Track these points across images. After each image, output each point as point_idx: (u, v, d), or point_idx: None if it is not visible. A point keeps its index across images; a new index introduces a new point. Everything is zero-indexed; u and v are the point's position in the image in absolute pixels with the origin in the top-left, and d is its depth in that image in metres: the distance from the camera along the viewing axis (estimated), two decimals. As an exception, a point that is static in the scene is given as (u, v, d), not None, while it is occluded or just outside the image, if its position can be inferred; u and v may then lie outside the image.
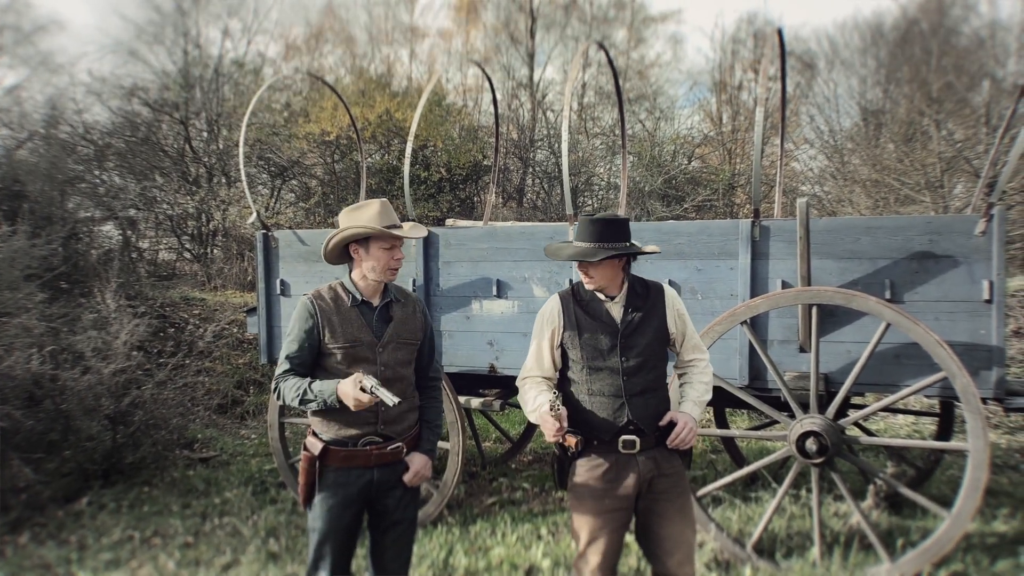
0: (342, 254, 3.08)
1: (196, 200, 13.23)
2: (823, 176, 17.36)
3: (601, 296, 2.95)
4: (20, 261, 7.70)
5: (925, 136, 13.46)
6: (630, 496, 2.87)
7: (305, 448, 3.00)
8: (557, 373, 3.01)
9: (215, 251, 14.26)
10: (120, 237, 12.41)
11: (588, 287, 2.94)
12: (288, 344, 2.98)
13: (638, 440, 2.84)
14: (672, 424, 2.89)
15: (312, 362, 2.99)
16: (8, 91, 12.94)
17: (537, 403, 2.86)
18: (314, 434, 2.99)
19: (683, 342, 3.05)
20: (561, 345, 2.96)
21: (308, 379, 2.92)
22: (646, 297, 2.98)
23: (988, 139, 11.96)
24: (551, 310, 2.99)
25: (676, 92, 23.61)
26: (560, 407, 2.70)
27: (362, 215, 2.98)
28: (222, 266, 13.45)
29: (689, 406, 2.95)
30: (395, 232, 2.95)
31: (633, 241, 2.96)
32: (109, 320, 6.82)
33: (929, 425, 7.32)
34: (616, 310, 2.94)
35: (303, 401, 2.86)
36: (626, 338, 2.90)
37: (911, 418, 7.45)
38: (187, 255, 14.45)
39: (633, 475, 2.85)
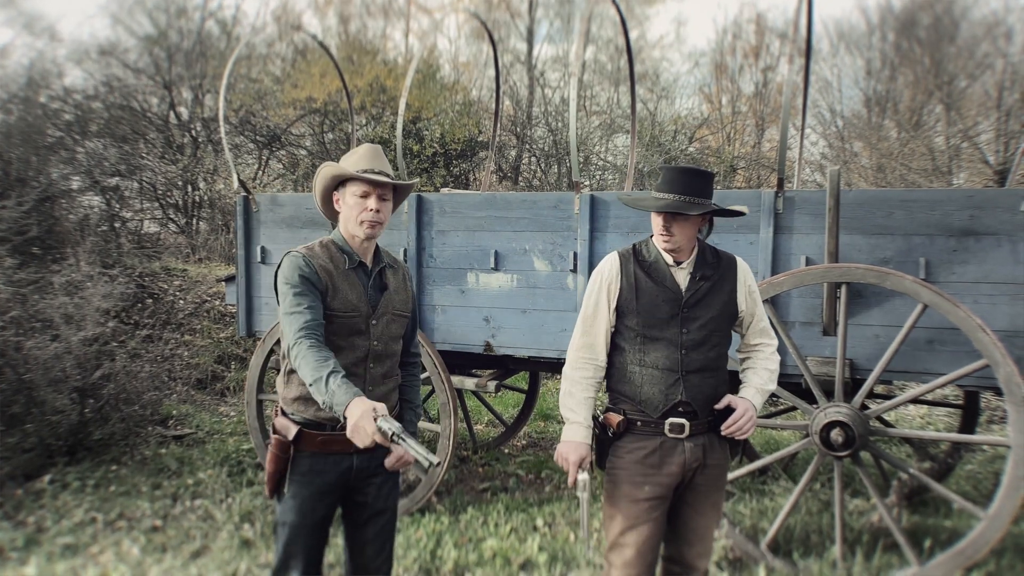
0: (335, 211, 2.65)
1: (179, 167, 12.73)
2: (823, 162, 17.01)
3: (668, 259, 2.61)
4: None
5: (933, 118, 13.11)
6: (672, 485, 2.58)
7: (275, 431, 2.57)
8: (607, 348, 2.66)
9: (200, 223, 13.78)
10: (101, 204, 11.92)
11: (664, 246, 2.59)
12: (292, 305, 2.36)
13: (688, 424, 2.54)
14: (728, 409, 2.58)
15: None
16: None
17: (573, 429, 2.60)
18: (284, 414, 2.57)
19: (751, 324, 2.72)
20: (617, 308, 2.62)
21: (332, 362, 2.26)
22: (717, 267, 2.64)
23: (1000, 123, 11.61)
24: (609, 267, 2.66)
25: (678, 70, 23.16)
26: (587, 486, 2.53)
27: (349, 158, 2.57)
28: (207, 237, 12.98)
29: (751, 392, 2.64)
30: (368, 176, 2.49)
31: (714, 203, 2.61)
32: (79, 285, 6.40)
33: (943, 416, 7.00)
34: (682, 276, 2.61)
35: (314, 387, 2.23)
36: (689, 308, 2.57)
37: (924, 409, 7.13)
38: (172, 226, 13.96)
39: (679, 462, 2.56)
